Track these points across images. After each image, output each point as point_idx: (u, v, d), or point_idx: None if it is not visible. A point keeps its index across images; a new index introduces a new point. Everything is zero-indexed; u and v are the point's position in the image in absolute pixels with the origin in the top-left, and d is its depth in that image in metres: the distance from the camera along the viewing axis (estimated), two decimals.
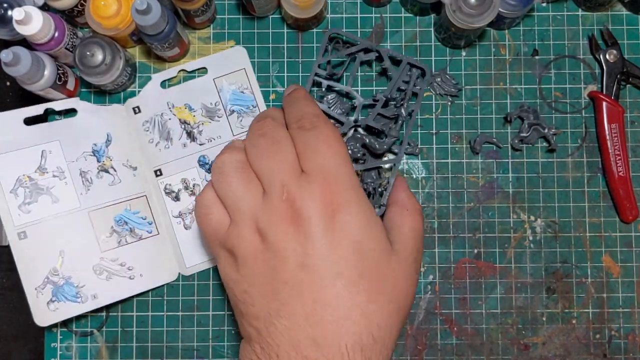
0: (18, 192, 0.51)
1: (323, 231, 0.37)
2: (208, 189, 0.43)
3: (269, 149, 0.40)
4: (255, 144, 0.41)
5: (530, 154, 0.55)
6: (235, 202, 0.40)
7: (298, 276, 0.37)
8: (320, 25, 0.57)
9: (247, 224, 0.39)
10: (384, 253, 0.39)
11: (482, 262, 0.54)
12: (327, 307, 0.37)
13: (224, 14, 0.57)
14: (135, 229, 0.54)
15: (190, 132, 0.55)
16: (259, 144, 0.41)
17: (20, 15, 0.47)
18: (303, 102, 0.44)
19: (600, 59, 0.55)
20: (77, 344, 0.54)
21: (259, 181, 0.40)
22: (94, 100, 0.56)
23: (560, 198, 0.55)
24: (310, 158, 0.40)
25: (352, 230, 0.38)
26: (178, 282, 0.55)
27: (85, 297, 0.52)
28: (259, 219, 0.39)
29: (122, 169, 0.54)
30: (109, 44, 0.51)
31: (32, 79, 0.50)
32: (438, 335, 0.54)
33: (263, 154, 0.41)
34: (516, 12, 0.52)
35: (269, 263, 0.38)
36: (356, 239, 0.38)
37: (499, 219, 0.55)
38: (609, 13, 0.56)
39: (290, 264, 0.38)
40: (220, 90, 0.56)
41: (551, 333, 0.54)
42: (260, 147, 0.41)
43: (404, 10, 0.56)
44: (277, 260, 0.38)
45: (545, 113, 0.55)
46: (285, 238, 0.38)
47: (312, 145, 0.40)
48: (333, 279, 0.37)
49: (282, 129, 0.42)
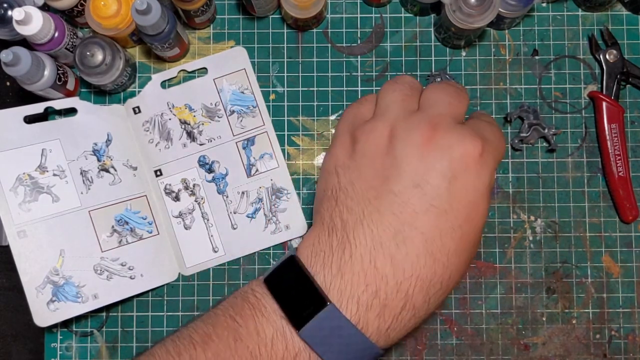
0: (18, 190, 0.51)
1: (450, 173, 0.37)
2: (373, 95, 0.43)
3: (455, 91, 0.41)
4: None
5: (530, 154, 0.55)
6: (388, 105, 0.40)
7: (405, 194, 0.37)
8: (320, 25, 0.57)
9: (386, 123, 0.39)
10: (484, 225, 0.39)
11: (482, 262, 0.54)
12: (417, 237, 0.37)
13: (224, 14, 0.57)
14: (136, 229, 0.54)
15: (191, 132, 0.55)
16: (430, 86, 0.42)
17: (20, 15, 0.47)
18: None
19: (600, 59, 0.55)
20: (77, 344, 0.54)
21: (417, 104, 0.41)
22: (94, 100, 0.56)
23: (560, 198, 0.55)
24: (476, 120, 0.41)
25: (473, 192, 0.37)
26: (178, 282, 0.55)
27: (86, 297, 0.52)
28: (398, 126, 0.39)
29: (123, 169, 0.54)
30: (109, 44, 0.51)
31: (32, 79, 0.50)
32: (438, 335, 0.54)
33: (434, 87, 0.41)
34: (516, 12, 0.52)
35: (385, 167, 0.38)
36: (473, 201, 0.37)
37: (499, 219, 0.55)
38: (609, 13, 0.56)
39: (404, 180, 0.37)
40: (221, 90, 0.56)
41: (551, 333, 0.54)
42: (432, 86, 0.42)
43: (404, 10, 0.57)
44: (394, 170, 0.37)
45: (545, 113, 0.55)
46: (412, 154, 0.37)
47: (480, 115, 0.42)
48: (437, 215, 0.37)
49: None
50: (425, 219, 0.36)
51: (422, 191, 0.37)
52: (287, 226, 0.55)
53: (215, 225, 0.55)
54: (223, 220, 0.55)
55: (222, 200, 0.55)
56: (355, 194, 0.38)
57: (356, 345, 0.36)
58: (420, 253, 0.36)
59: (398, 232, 0.37)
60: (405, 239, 0.36)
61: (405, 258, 0.36)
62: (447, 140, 0.37)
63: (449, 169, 0.37)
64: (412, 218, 0.37)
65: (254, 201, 0.55)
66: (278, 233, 0.55)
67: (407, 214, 0.37)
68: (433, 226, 0.36)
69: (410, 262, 0.36)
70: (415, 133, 0.38)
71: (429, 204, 0.37)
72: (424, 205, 0.36)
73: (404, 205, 0.37)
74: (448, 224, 0.37)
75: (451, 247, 0.37)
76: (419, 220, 0.36)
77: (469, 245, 0.38)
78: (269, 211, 0.55)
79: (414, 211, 0.37)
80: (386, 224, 0.37)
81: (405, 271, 0.36)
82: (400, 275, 0.36)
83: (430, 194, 0.37)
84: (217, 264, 0.55)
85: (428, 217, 0.36)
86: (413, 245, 0.36)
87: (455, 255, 0.37)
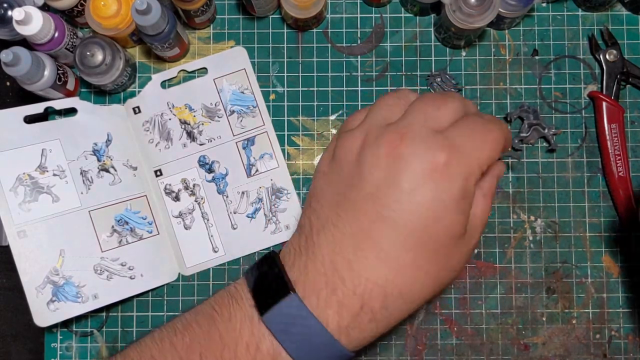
0: (18, 190, 0.51)
1: (409, 184, 0.37)
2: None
3: (433, 98, 0.40)
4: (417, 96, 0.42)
5: (530, 154, 0.55)
6: (370, 115, 0.41)
7: (363, 203, 0.38)
8: (320, 25, 0.57)
9: (363, 133, 0.40)
10: (456, 237, 0.38)
11: (482, 262, 0.54)
12: (374, 246, 0.37)
13: (224, 14, 0.57)
14: (136, 229, 0.54)
15: (191, 132, 0.55)
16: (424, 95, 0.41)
17: (20, 15, 0.47)
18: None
19: (600, 59, 0.55)
20: (77, 344, 0.54)
21: (400, 115, 0.40)
22: (94, 100, 0.56)
23: (560, 198, 0.55)
24: (465, 123, 0.39)
25: (433, 204, 0.37)
26: (178, 282, 0.55)
27: (86, 297, 0.52)
28: (370, 135, 0.39)
29: (123, 169, 0.54)
30: (109, 44, 0.51)
31: (32, 79, 0.50)
32: (438, 335, 0.54)
33: (418, 97, 0.41)
34: (516, 12, 0.52)
35: (352, 175, 0.39)
36: (433, 214, 0.37)
37: (499, 219, 0.55)
38: (609, 13, 0.56)
39: (364, 189, 0.38)
40: (221, 90, 0.56)
41: (551, 333, 0.54)
42: (419, 95, 0.42)
43: (404, 10, 0.57)
44: (357, 178, 0.38)
45: (545, 113, 0.55)
46: (376, 164, 0.38)
47: (469, 126, 0.40)
48: (389, 226, 0.37)
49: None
50: (378, 228, 0.37)
51: (378, 201, 0.37)
52: (287, 226, 0.55)
53: (215, 225, 0.55)
54: (223, 220, 0.55)
55: (222, 200, 0.55)
56: (324, 200, 0.40)
57: (316, 338, 0.37)
58: (374, 261, 0.37)
59: (355, 238, 0.38)
60: (360, 245, 0.37)
61: (361, 264, 0.37)
62: (411, 150, 0.37)
63: (408, 179, 0.37)
64: (368, 227, 0.37)
65: (254, 201, 0.55)
66: (278, 233, 0.55)
67: (364, 222, 0.37)
68: (385, 236, 0.37)
69: (365, 268, 0.37)
70: (382, 143, 0.38)
71: (382, 214, 0.37)
72: (378, 215, 0.37)
73: (361, 213, 0.38)
74: (400, 236, 0.37)
75: (406, 258, 0.37)
76: (373, 229, 0.37)
77: (432, 258, 0.38)
78: (269, 211, 0.55)
79: (369, 220, 0.37)
80: (346, 230, 0.38)
81: (360, 276, 0.37)
82: (356, 279, 0.37)
83: (384, 204, 0.37)
84: (217, 264, 0.55)
85: (380, 227, 0.37)
86: (368, 253, 0.37)
87: (414, 267, 0.37)
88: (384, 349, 0.54)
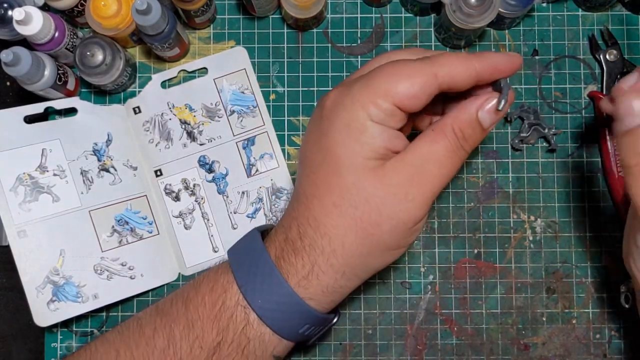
0: (18, 190, 0.51)
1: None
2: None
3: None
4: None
5: (530, 154, 0.55)
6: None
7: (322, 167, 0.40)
8: (321, 25, 0.57)
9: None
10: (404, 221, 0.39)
11: (482, 262, 0.54)
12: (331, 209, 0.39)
13: (224, 14, 0.57)
14: (136, 229, 0.54)
15: (191, 132, 0.55)
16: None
17: (20, 15, 0.47)
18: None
19: (600, 59, 0.55)
20: (77, 344, 0.54)
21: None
22: (94, 100, 0.56)
23: (560, 198, 0.55)
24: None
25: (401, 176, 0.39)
26: (178, 282, 0.55)
27: (86, 297, 0.52)
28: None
29: (123, 169, 0.54)
30: (109, 44, 0.51)
31: (32, 79, 0.50)
32: (438, 335, 0.54)
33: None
34: (516, 12, 0.52)
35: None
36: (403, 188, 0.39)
37: (499, 219, 0.55)
38: (609, 13, 0.56)
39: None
40: (221, 90, 0.56)
41: (551, 333, 0.54)
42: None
43: (404, 10, 0.57)
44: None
45: (545, 113, 0.56)
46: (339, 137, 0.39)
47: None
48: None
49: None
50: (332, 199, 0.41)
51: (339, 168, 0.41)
52: None
53: (216, 225, 0.55)
54: (223, 220, 0.55)
55: (222, 200, 0.55)
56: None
57: (264, 270, 0.40)
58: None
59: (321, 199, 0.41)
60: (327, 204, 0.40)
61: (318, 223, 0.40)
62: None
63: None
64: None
65: (254, 201, 0.55)
66: None
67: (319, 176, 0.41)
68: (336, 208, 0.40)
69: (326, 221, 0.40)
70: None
71: (340, 184, 0.40)
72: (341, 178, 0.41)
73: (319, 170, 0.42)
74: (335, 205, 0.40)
75: (346, 223, 0.40)
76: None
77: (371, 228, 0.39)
78: (269, 211, 0.55)
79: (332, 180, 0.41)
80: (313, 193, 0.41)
81: (318, 237, 0.40)
82: (320, 235, 0.39)
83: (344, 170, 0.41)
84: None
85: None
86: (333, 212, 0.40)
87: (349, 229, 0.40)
88: (384, 348, 0.54)
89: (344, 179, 0.38)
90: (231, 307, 0.41)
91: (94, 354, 0.43)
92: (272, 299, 0.40)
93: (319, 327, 0.43)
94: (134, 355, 0.41)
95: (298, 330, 0.41)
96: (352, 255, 0.39)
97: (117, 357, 0.41)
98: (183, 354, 0.41)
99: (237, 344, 0.40)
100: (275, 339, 0.41)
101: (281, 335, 0.41)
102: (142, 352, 0.41)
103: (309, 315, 0.41)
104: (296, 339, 0.42)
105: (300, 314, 0.40)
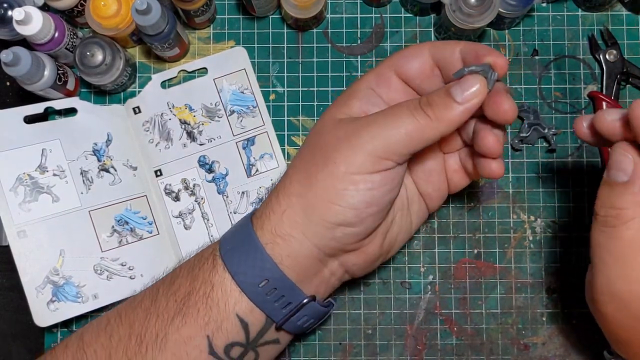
0: (18, 190, 0.51)
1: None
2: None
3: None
4: None
5: (530, 154, 0.55)
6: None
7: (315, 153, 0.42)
8: (321, 26, 0.57)
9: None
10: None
11: (482, 262, 0.54)
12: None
13: (224, 14, 0.57)
14: (136, 229, 0.54)
15: (191, 132, 0.55)
16: None
17: (20, 15, 0.47)
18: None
19: (600, 59, 0.55)
20: None
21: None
22: (94, 100, 0.56)
23: (560, 198, 0.55)
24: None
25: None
26: None
27: (86, 297, 0.52)
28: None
29: (123, 169, 0.54)
30: (109, 44, 0.51)
31: (32, 79, 0.50)
32: (438, 335, 0.54)
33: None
34: (516, 12, 0.52)
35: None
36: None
37: (499, 219, 0.55)
38: (609, 13, 0.56)
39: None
40: (221, 90, 0.56)
41: (551, 333, 0.54)
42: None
43: (404, 10, 0.57)
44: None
45: (545, 113, 0.56)
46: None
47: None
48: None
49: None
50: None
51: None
52: None
53: (215, 225, 0.55)
54: (223, 220, 0.55)
55: (222, 200, 0.55)
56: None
57: (243, 229, 0.42)
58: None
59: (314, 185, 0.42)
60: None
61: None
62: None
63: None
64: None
65: (254, 201, 0.55)
66: None
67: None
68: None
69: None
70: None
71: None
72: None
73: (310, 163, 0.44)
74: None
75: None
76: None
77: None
78: None
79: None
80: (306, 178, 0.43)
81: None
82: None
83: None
84: None
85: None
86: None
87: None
88: (384, 349, 0.54)
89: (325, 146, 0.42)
90: (205, 256, 0.43)
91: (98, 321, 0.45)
92: (235, 239, 0.42)
93: (282, 291, 0.41)
94: (121, 320, 0.43)
95: (256, 282, 0.40)
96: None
97: (107, 325, 0.43)
98: (160, 309, 0.42)
99: (203, 292, 0.41)
100: (236, 291, 0.41)
101: (238, 284, 0.40)
102: (130, 315, 0.43)
103: (263, 258, 0.40)
104: (256, 298, 0.41)
105: (255, 253, 0.41)
